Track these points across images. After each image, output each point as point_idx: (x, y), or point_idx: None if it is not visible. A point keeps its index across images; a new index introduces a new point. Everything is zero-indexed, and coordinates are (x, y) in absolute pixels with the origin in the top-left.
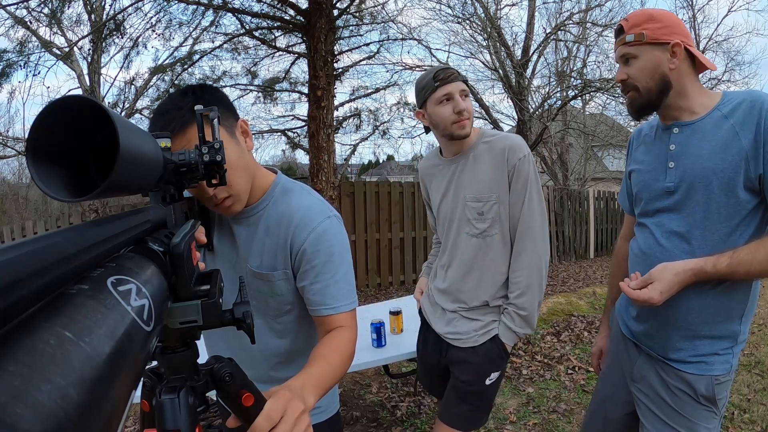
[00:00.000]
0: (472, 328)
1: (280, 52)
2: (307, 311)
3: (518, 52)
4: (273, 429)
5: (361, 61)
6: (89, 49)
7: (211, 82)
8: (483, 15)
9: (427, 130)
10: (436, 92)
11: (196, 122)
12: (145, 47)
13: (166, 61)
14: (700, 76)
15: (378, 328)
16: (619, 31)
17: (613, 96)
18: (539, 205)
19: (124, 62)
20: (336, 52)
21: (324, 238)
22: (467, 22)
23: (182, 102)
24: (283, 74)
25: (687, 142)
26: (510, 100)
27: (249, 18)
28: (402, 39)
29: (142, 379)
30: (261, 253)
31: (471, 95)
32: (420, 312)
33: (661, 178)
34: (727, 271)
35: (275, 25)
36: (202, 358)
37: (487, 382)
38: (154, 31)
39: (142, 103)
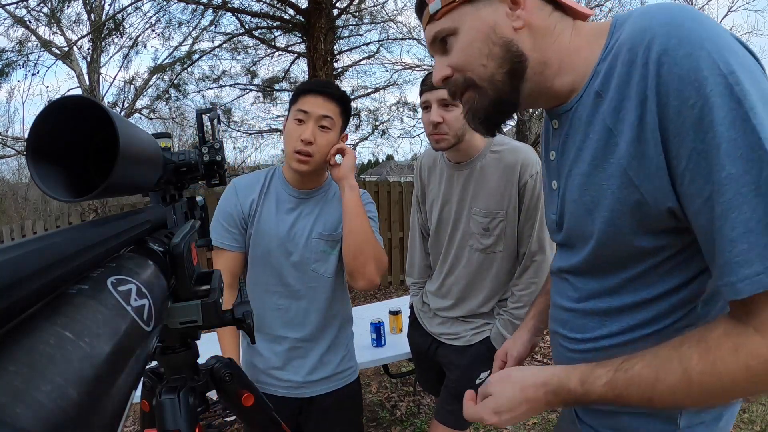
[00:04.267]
0: (463, 329)
1: (280, 52)
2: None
3: None
4: None
5: (360, 60)
6: (88, 49)
7: (210, 82)
8: None
9: None
10: (421, 98)
11: (197, 122)
12: (145, 47)
13: (166, 61)
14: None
15: (378, 328)
16: (421, 6)
17: None
18: None
19: (123, 62)
20: (335, 52)
21: (373, 206)
22: None
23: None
24: (283, 74)
25: (564, 145)
26: None
27: (248, 17)
28: (401, 39)
29: (142, 379)
30: (326, 220)
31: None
32: (411, 308)
33: (550, 203)
34: (605, 392)
35: (275, 24)
36: (203, 357)
37: (477, 381)
38: (153, 30)
39: (141, 102)
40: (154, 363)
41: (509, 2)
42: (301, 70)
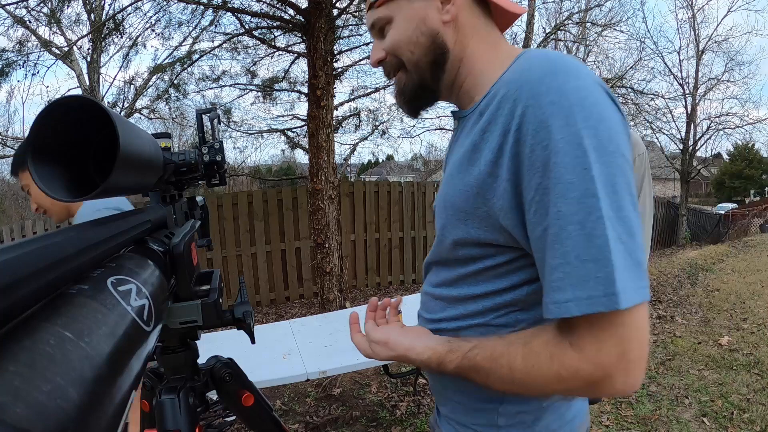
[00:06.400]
0: None
1: (280, 52)
2: None
3: None
4: None
5: (360, 60)
6: (88, 49)
7: (210, 82)
8: None
9: None
10: None
11: (197, 122)
12: (145, 47)
13: (166, 61)
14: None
15: None
16: None
17: None
18: (650, 202)
19: (123, 62)
20: (335, 52)
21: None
22: None
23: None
24: (283, 74)
25: (453, 144)
26: None
27: (248, 17)
28: None
29: (142, 379)
30: None
31: None
32: None
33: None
34: (455, 373)
35: (275, 24)
36: (202, 358)
37: None
38: (153, 30)
39: (141, 102)
40: (154, 363)
41: None
42: (301, 70)
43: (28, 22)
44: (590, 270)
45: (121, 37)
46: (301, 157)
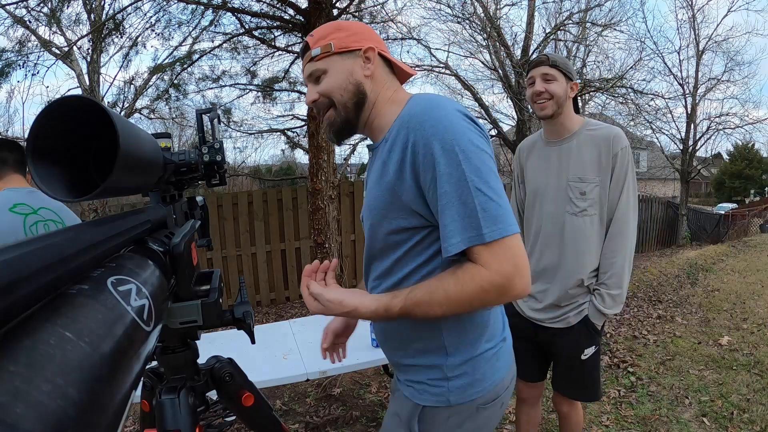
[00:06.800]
0: (563, 311)
1: (280, 52)
2: None
3: (518, 52)
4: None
5: None
6: (88, 49)
7: (210, 82)
8: (483, 15)
9: None
10: (527, 75)
11: (197, 122)
12: (145, 47)
13: (166, 61)
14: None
15: None
16: (305, 49)
17: (613, 96)
18: (634, 194)
19: (123, 62)
20: None
21: None
22: (467, 21)
23: None
24: (283, 74)
25: (370, 167)
26: (510, 100)
27: (248, 17)
28: (401, 38)
29: (142, 379)
30: None
31: (565, 77)
32: None
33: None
34: (403, 313)
35: (275, 24)
36: (202, 358)
37: (583, 357)
38: (153, 30)
39: (141, 102)
40: (154, 363)
41: (364, 58)
42: (300, 71)
43: (28, 22)
44: (467, 223)
45: (121, 37)
46: (301, 157)
